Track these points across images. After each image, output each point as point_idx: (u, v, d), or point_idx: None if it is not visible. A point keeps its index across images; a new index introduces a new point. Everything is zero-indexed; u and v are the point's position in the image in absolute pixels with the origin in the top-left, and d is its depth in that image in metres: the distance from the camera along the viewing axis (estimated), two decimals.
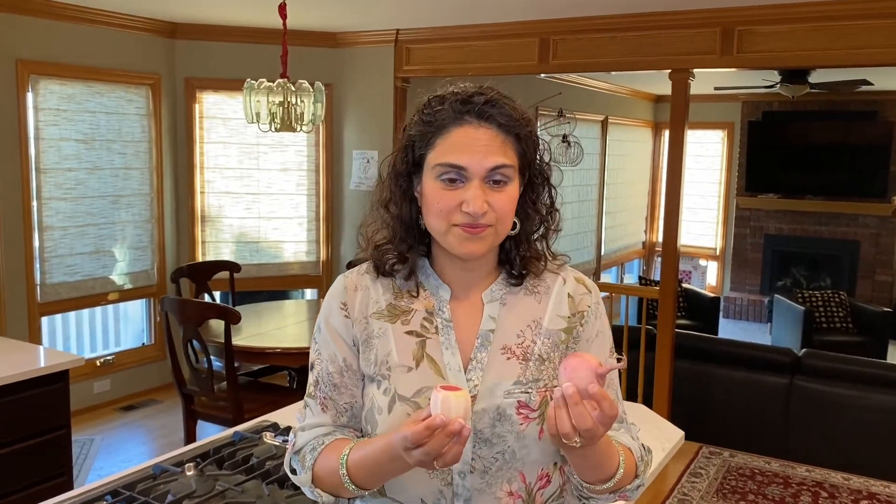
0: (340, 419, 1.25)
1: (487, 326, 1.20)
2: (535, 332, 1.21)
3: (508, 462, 1.16)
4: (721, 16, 4.35)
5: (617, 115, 8.68)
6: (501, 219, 1.15)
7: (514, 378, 1.17)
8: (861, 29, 4.06)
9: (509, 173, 1.14)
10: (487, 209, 1.12)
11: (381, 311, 1.22)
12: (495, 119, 1.14)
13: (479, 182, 1.12)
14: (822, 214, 8.74)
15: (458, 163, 1.12)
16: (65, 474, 2.95)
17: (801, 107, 8.54)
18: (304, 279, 5.87)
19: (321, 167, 5.75)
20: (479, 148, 1.12)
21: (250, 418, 2.79)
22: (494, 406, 1.15)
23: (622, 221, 9.31)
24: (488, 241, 1.16)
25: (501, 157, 1.13)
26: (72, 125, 4.76)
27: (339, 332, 1.24)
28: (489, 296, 1.22)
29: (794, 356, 4.68)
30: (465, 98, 1.15)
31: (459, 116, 1.14)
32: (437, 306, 1.21)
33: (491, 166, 1.12)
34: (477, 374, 1.17)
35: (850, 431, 4.39)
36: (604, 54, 4.76)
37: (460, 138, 1.13)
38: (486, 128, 1.13)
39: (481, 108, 1.14)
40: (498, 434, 1.15)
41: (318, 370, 1.26)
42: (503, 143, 1.14)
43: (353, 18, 5.02)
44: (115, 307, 5.41)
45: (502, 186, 1.14)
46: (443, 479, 1.16)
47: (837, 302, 7.20)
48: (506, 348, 1.19)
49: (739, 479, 4.28)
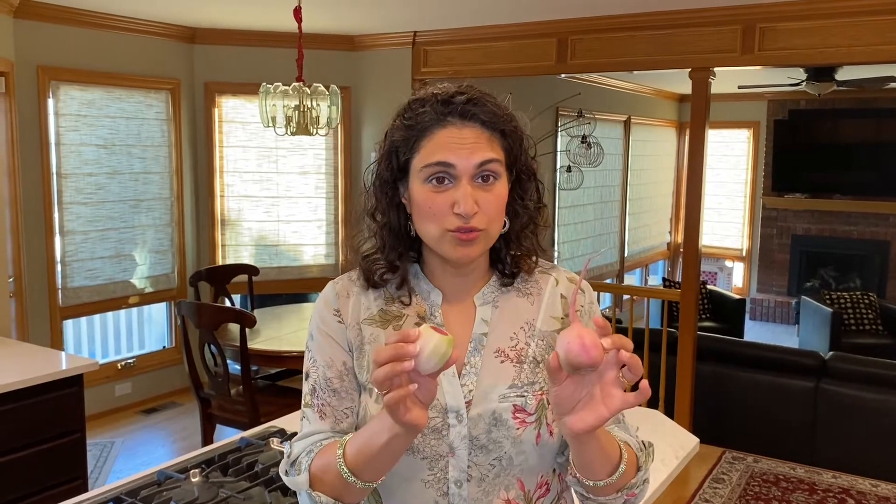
0: (340, 425, 1.20)
1: (480, 330, 1.18)
2: (529, 334, 1.19)
3: (506, 469, 1.13)
4: (742, 13, 4.28)
5: (640, 115, 8.59)
6: (492, 220, 1.12)
7: (509, 381, 1.14)
8: (885, 24, 3.97)
9: (497, 169, 1.12)
10: (478, 210, 1.10)
11: (372, 316, 1.20)
12: (479, 117, 1.12)
13: (468, 180, 1.10)
14: (851, 214, 8.57)
15: (445, 160, 1.10)
16: (80, 478, 2.97)
17: (828, 105, 8.38)
18: (323, 282, 5.82)
19: (340, 170, 5.75)
20: (465, 145, 1.10)
21: (266, 421, 2.79)
22: (490, 411, 1.12)
23: (646, 222, 9.21)
24: (481, 246, 1.14)
25: (489, 152, 1.11)
26: (92, 130, 4.80)
27: (335, 338, 1.21)
28: (481, 298, 1.20)
29: (820, 359, 4.58)
30: (447, 99, 1.12)
31: (442, 118, 1.12)
32: (428, 311, 1.19)
33: (479, 161, 1.10)
34: (471, 378, 1.14)
35: (879, 437, 4.28)
36: (622, 54, 4.71)
37: (445, 139, 1.11)
38: (470, 126, 1.11)
39: (464, 108, 1.11)
40: (494, 440, 1.12)
41: (313, 378, 1.22)
42: (489, 140, 1.12)
43: (369, 21, 5.02)
44: (138, 310, 5.46)
45: (491, 184, 1.12)
46: (438, 489, 1.13)
47: (867, 303, 7.05)
48: (499, 351, 1.17)
49: (763, 486, 4.19)
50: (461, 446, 1.12)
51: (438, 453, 1.12)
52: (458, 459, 1.12)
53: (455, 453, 1.12)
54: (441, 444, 1.12)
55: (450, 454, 1.12)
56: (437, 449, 1.12)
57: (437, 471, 1.13)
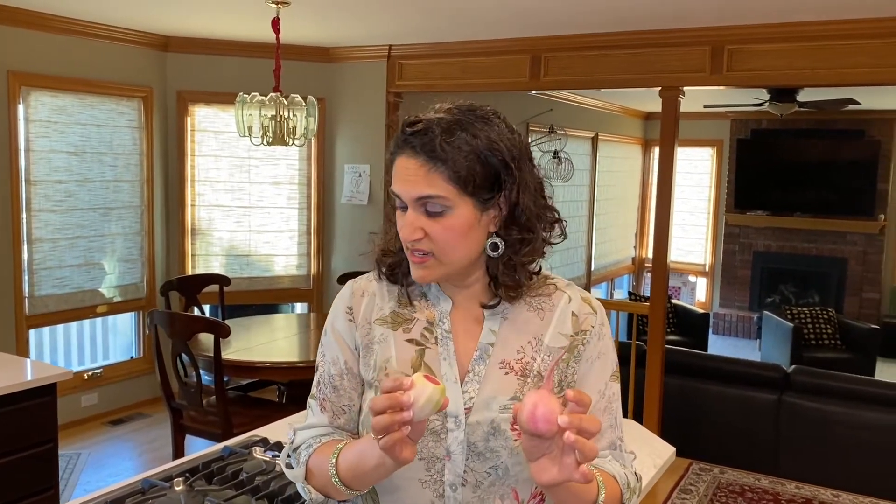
0: (337, 420, 1.27)
1: (487, 340, 1.20)
2: (536, 349, 1.20)
3: (501, 478, 1.16)
4: (711, 34, 4.40)
5: (607, 132, 8.73)
6: (442, 247, 1.13)
7: (511, 393, 1.16)
8: (848, 49, 4.11)
9: (444, 203, 1.11)
10: (422, 236, 1.13)
11: (384, 317, 1.24)
12: (418, 149, 1.12)
13: (415, 209, 1.14)
14: (810, 232, 8.81)
15: (395, 190, 1.16)
16: (52, 488, 2.92)
17: (789, 125, 8.62)
18: (294, 293, 5.85)
19: (313, 181, 5.75)
20: (408, 178, 1.13)
21: (239, 433, 2.78)
22: (489, 420, 1.15)
23: (612, 237, 9.34)
24: (433, 270, 1.16)
25: (425, 187, 1.11)
26: (63, 137, 4.74)
27: (342, 335, 1.26)
28: (490, 309, 1.22)
29: (783, 372, 4.70)
30: (404, 126, 1.15)
31: (402, 145, 1.15)
32: (437, 317, 1.22)
33: (415, 196, 1.13)
34: (473, 386, 1.17)
35: (840, 448, 4.40)
36: (595, 72, 4.80)
37: (398, 167, 1.15)
38: (414, 158, 1.12)
39: (407, 138, 1.13)
40: (491, 448, 1.15)
41: (321, 371, 1.29)
42: (427, 174, 1.11)
43: (345, 33, 5.05)
44: (103, 320, 5.38)
45: (439, 216, 1.13)
46: (434, 490, 1.16)
47: (826, 319, 7.24)
48: (504, 363, 1.19)
49: (730, 496, 4.28)
50: (458, 451, 1.15)
51: (436, 455, 1.15)
52: (454, 463, 1.15)
53: (452, 457, 1.15)
54: (439, 446, 1.15)
55: (446, 457, 1.15)
56: (435, 451, 1.15)
57: (434, 472, 1.16)
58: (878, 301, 8.54)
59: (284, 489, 1.89)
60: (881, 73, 4.09)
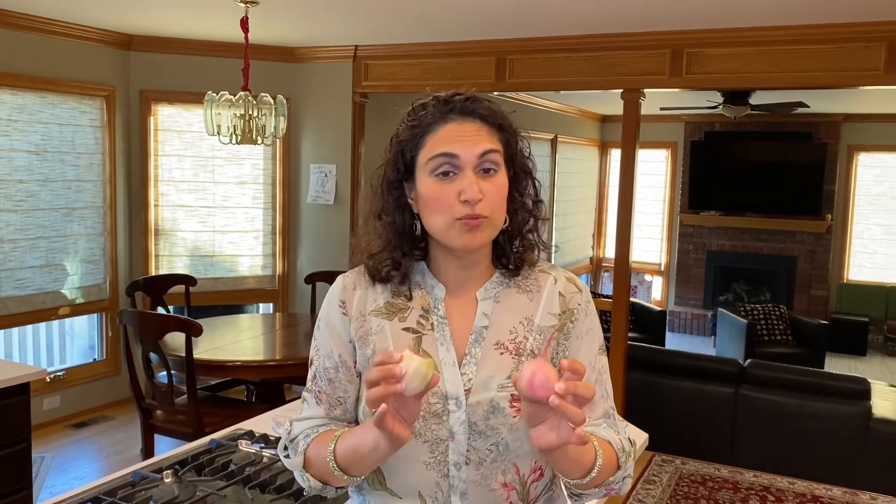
0: (334, 411, 1.30)
1: (481, 323, 1.25)
2: (528, 329, 1.26)
3: (503, 454, 1.21)
4: (671, 38, 4.54)
5: (565, 134, 8.88)
6: (494, 209, 1.21)
7: (508, 372, 1.22)
8: (799, 53, 4.29)
9: (497, 160, 1.22)
10: (482, 197, 1.19)
11: (379, 308, 1.28)
12: (478, 112, 1.23)
13: (472, 171, 1.19)
14: (761, 231, 9.09)
15: (450, 151, 1.19)
16: (25, 489, 2.89)
17: (741, 127, 8.88)
18: (259, 293, 5.84)
19: (278, 181, 5.75)
20: (467, 137, 1.20)
21: (210, 432, 2.78)
22: (488, 399, 1.20)
23: (571, 237, 9.50)
24: (486, 233, 1.22)
25: (489, 143, 1.21)
26: (23, 136, 4.67)
27: (336, 329, 1.30)
28: (483, 293, 1.28)
29: (739, 367, 4.86)
30: (447, 99, 1.24)
31: (444, 115, 1.22)
32: (432, 304, 1.27)
33: (481, 151, 1.20)
34: (471, 368, 1.22)
35: (793, 438, 4.58)
36: (558, 74, 4.91)
37: (448, 133, 1.21)
38: (470, 121, 1.22)
39: (463, 105, 1.22)
40: (492, 426, 1.20)
41: (315, 365, 1.32)
42: (489, 132, 1.22)
43: (311, 34, 5.07)
44: (60, 323, 5.30)
45: (492, 175, 1.21)
46: (439, 471, 1.21)
47: (777, 315, 7.48)
48: (499, 344, 1.24)
49: (691, 486, 4.42)
50: (460, 431, 1.20)
51: (439, 437, 1.20)
52: (457, 444, 1.20)
53: (454, 438, 1.20)
54: (441, 428, 1.20)
55: (449, 438, 1.20)
56: (438, 433, 1.20)
57: (438, 454, 1.20)
58: (825, 298, 8.85)
59: (275, 479, 1.93)
60: (829, 76, 4.28)
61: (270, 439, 2.22)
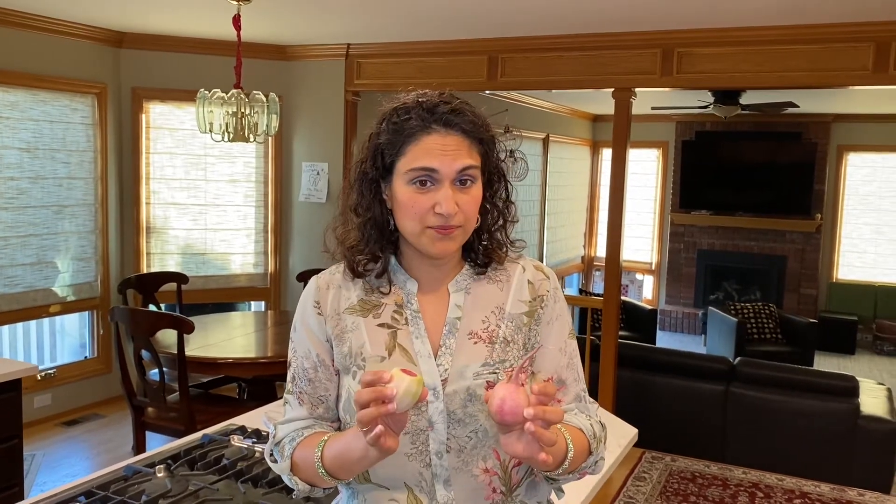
0: (316, 411, 1.33)
1: (454, 314, 1.29)
2: (499, 317, 1.30)
3: (482, 440, 1.23)
4: (662, 38, 4.57)
5: (557, 134, 8.91)
6: (468, 218, 1.24)
7: (482, 360, 1.25)
8: (789, 53, 4.32)
9: (475, 174, 1.24)
10: (457, 210, 1.21)
11: (353, 306, 1.31)
12: (460, 126, 1.23)
13: (449, 184, 1.21)
14: (751, 230, 9.15)
15: (430, 165, 1.21)
16: (17, 485, 2.89)
17: (731, 127, 8.93)
18: (251, 291, 5.84)
19: (270, 179, 5.75)
20: (448, 152, 1.21)
21: (202, 429, 2.79)
22: (465, 387, 1.23)
23: (562, 236, 9.53)
24: (458, 241, 1.25)
25: (468, 159, 1.23)
26: (14, 133, 4.66)
27: (313, 329, 1.32)
28: (455, 286, 1.31)
29: (729, 364, 4.89)
30: (431, 108, 1.23)
31: (427, 125, 1.22)
32: (405, 299, 1.30)
33: (460, 167, 1.21)
34: (446, 358, 1.25)
35: (782, 435, 4.61)
36: (550, 73, 4.93)
37: (430, 145, 1.22)
38: (452, 134, 1.23)
39: (447, 117, 1.23)
40: (470, 414, 1.23)
41: (294, 367, 1.34)
42: (469, 147, 1.23)
43: (304, 32, 5.07)
44: (51, 321, 5.28)
45: (469, 187, 1.23)
46: (421, 460, 1.23)
47: (767, 314, 7.52)
48: (472, 333, 1.28)
49: (681, 483, 4.45)
50: (439, 420, 1.22)
51: (419, 428, 1.22)
52: (437, 433, 1.22)
53: (434, 427, 1.22)
54: (421, 419, 1.22)
55: (429, 428, 1.22)
56: (418, 424, 1.22)
57: (419, 444, 1.23)
58: (815, 297, 8.91)
59: (267, 473, 1.94)
60: (818, 76, 4.31)
61: (262, 434, 2.23)
